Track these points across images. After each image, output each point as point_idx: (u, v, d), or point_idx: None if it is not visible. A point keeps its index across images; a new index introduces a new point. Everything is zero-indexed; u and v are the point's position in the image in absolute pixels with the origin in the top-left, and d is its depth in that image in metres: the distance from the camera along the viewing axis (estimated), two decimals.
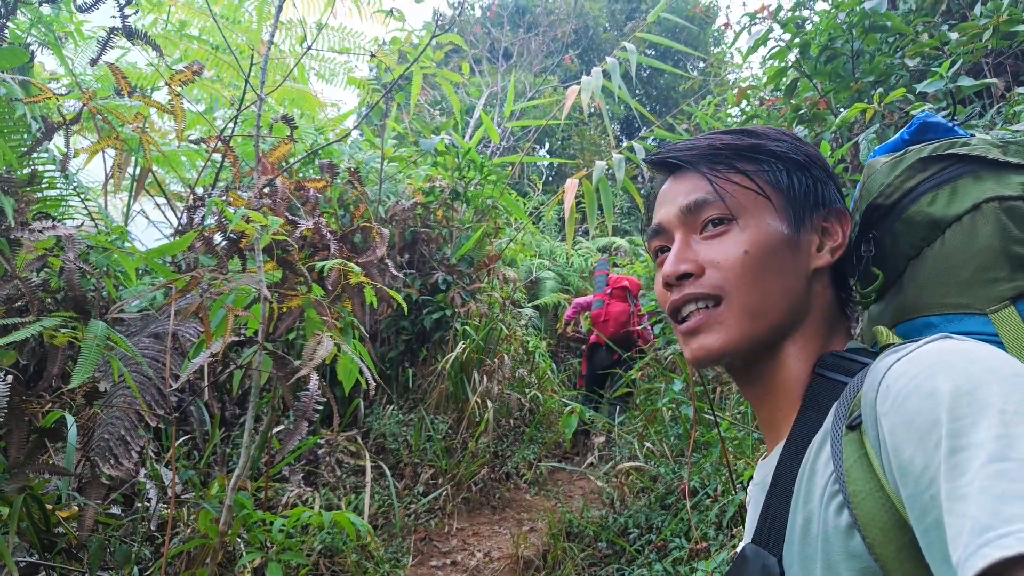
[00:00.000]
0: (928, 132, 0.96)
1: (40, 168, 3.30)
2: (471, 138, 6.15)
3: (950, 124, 0.98)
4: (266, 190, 2.26)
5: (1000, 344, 0.77)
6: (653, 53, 15.79)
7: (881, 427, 0.64)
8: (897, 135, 1.00)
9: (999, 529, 0.48)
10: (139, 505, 2.85)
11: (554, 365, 7.12)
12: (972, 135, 0.95)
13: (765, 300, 0.84)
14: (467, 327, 5.37)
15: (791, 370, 0.86)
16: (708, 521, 3.41)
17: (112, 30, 2.20)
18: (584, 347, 6.65)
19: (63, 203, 3.48)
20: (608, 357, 6.23)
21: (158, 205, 4.97)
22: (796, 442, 0.80)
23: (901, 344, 0.74)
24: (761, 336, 0.85)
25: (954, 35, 3.29)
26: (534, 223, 8.36)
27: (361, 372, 2.24)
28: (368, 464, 4.11)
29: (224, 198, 2.26)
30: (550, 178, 14.82)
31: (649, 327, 6.08)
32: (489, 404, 5.09)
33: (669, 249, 0.91)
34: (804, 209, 0.89)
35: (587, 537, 4.06)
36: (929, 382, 0.61)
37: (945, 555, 0.52)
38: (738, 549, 0.90)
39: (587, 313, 6.67)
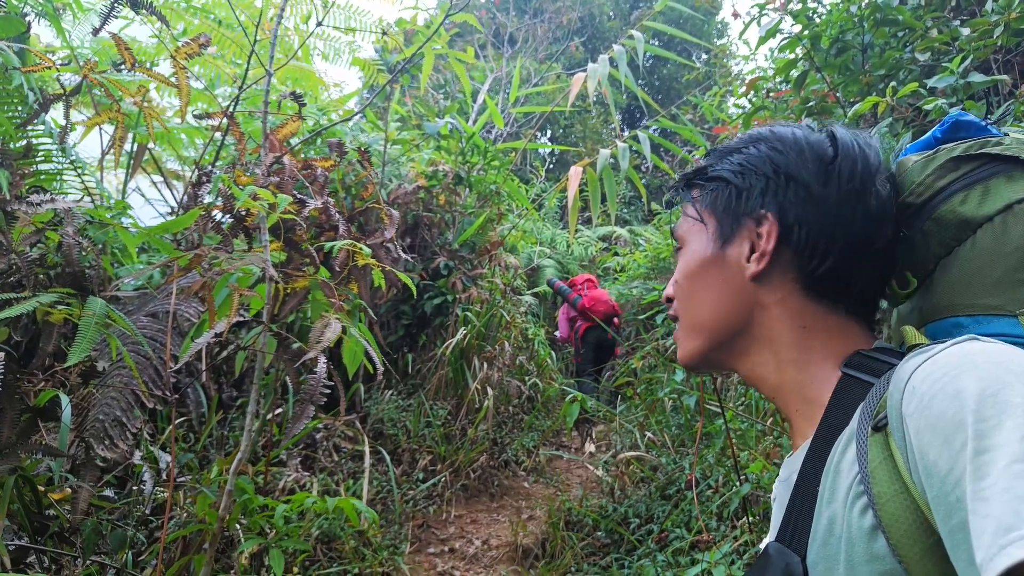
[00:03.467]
0: (960, 131, 0.95)
1: (36, 141, 3.23)
2: (475, 123, 6.09)
3: (983, 123, 0.95)
4: (274, 168, 2.21)
5: None
6: (657, 42, 15.74)
7: (907, 429, 0.64)
8: (929, 133, 0.98)
9: (1021, 529, 0.48)
10: (133, 488, 2.80)
11: (552, 353, 7.12)
12: (1005, 134, 0.93)
13: (697, 319, 0.92)
14: (468, 313, 5.33)
15: (789, 373, 0.87)
16: (710, 512, 3.40)
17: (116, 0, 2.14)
18: (579, 334, 7.38)
19: (59, 177, 3.42)
20: (601, 336, 7.14)
21: (154, 183, 4.91)
22: (821, 441, 0.79)
23: (928, 345, 0.73)
24: (706, 348, 0.92)
25: (965, 31, 3.26)
26: (536, 210, 8.33)
27: (369, 357, 2.19)
28: (367, 450, 4.07)
29: (230, 175, 2.20)
30: (551, 166, 14.77)
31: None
32: (489, 391, 5.06)
33: None
34: (729, 223, 0.91)
35: (586, 526, 4.04)
36: (954, 384, 0.61)
37: (970, 557, 0.52)
38: (761, 545, 0.90)
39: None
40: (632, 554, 3.59)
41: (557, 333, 8.03)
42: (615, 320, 7.18)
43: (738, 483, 3.21)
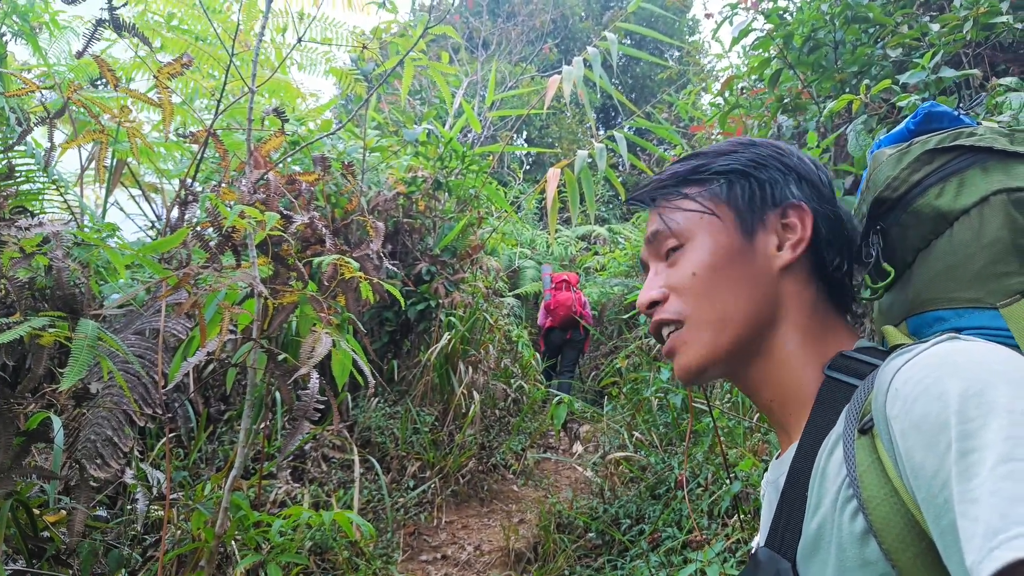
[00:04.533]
0: (933, 122, 0.95)
1: (17, 161, 3.20)
2: (452, 128, 6.09)
3: (955, 113, 0.96)
4: (259, 184, 2.21)
5: (1011, 338, 0.76)
6: (629, 42, 15.80)
7: (892, 431, 0.64)
8: (902, 125, 0.99)
9: (1009, 531, 0.49)
10: (128, 507, 2.79)
11: (537, 355, 7.15)
12: (978, 123, 0.93)
13: (721, 314, 0.86)
14: (452, 318, 5.34)
15: (788, 375, 0.86)
16: (701, 511, 3.43)
17: (99, 22, 2.13)
18: (541, 331, 7.95)
19: (40, 196, 3.38)
20: (561, 336, 7.67)
21: (132, 197, 4.87)
22: (808, 445, 0.79)
23: (910, 345, 0.74)
24: (728, 346, 0.87)
25: (935, 26, 3.32)
26: (515, 212, 8.36)
27: (360, 370, 2.20)
28: (356, 459, 4.07)
29: (215, 192, 2.20)
30: (529, 167, 14.80)
31: (589, 312, 7.82)
32: (475, 395, 5.07)
33: None
34: (752, 214, 0.90)
35: (578, 528, 4.06)
36: (937, 385, 0.62)
37: (962, 559, 0.53)
38: (752, 546, 0.91)
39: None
40: (624, 555, 3.61)
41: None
42: (579, 322, 7.51)
43: (728, 481, 3.25)
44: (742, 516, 3.09)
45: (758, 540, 0.91)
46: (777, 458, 0.91)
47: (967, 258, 0.83)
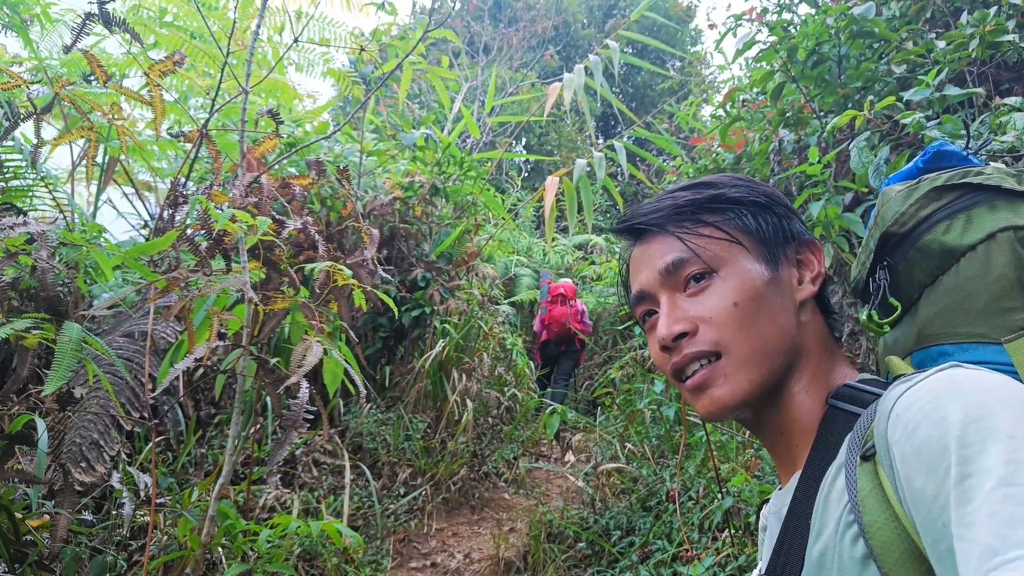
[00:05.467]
0: (942, 160, 0.97)
1: (4, 157, 3.16)
2: (451, 133, 6.07)
3: (964, 153, 0.98)
4: (252, 187, 2.18)
5: (1014, 373, 0.77)
6: (631, 51, 15.82)
7: (893, 456, 0.64)
8: (911, 163, 1.01)
9: (1007, 553, 0.49)
10: (114, 512, 2.74)
11: (531, 363, 7.12)
12: (987, 164, 0.95)
13: (763, 345, 0.83)
14: (446, 325, 5.30)
15: (802, 405, 0.86)
16: (691, 524, 3.40)
17: (88, 15, 2.09)
18: (537, 344, 8.00)
19: (30, 193, 3.34)
20: (556, 349, 7.76)
21: (126, 195, 4.83)
22: (811, 474, 0.80)
23: (912, 374, 0.74)
24: (768, 380, 0.84)
25: (940, 43, 3.31)
26: (512, 219, 8.35)
27: (352, 379, 2.16)
28: (347, 465, 4.03)
29: (207, 194, 2.16)
30: (527, 174, 14.78)
31: (588, 321, 7.85)
32: (468, 403, 5.03)
33: (656, 312, 0.90)
34: (777, 247, 0.89)
35: (568, 538, 4.02)
36: (938, 410, 0.62)
37: None
38: (753, 575, 0.90)
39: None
40: (614, 566, 3.58)
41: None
42: (575, 335, 7.57)
43: (719, 496, 3.22)
44: (733, 531, 3.06)
45: (758, 570, 0.90)
46: (780, 489, 0.91)
47: (972, 293, 0.84)
